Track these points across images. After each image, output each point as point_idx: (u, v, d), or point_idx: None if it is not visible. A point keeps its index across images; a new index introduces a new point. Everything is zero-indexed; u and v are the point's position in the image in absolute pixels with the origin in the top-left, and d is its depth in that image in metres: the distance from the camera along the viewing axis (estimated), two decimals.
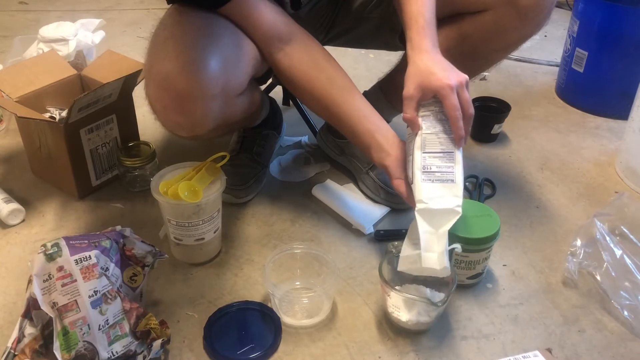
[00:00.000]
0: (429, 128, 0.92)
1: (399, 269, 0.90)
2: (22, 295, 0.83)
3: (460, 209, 0.86)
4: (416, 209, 0.88)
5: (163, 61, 0.89)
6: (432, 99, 0.92)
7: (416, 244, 0.87)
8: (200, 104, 0.91)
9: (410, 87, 0.92)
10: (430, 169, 0.89)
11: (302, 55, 1.01)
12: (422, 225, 0.87)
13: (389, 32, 1.16)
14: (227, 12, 0.94)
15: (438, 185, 0.88)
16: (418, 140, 0.91)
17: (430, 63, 0.90)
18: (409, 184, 0.93)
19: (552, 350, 0.88)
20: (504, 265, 1.07)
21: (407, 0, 0.95)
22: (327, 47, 1.08)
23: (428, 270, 0.86)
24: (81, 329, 0.79)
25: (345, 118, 1.01)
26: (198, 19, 0.92)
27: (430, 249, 0.85)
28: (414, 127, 0.92)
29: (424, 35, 0.93)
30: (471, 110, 0.91)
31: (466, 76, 0.91)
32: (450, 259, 0.93)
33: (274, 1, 1.00)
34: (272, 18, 0.98)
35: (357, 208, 1.19)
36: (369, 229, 1.14)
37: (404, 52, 1.20)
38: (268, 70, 1.07)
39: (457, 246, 0.89)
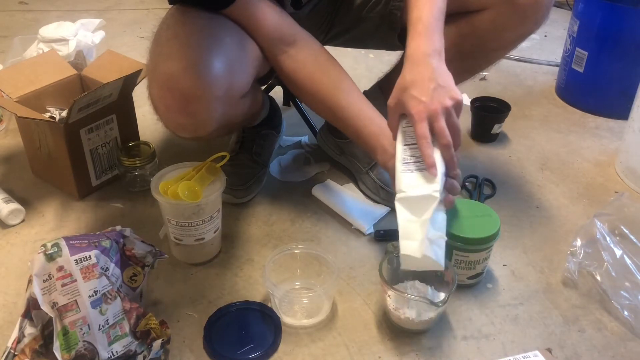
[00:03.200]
0: (409, 122, 0.92)
1: (402, 267, 0.89)
2: (22, 295, 0.83)
3: (437, 194, 0.85)
4: (396, 198, 0.88)
5: (167, 61, 0.88)
6: None
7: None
8: (204, 105, 0.91)
9: (392, 100, 0.91)
10: (410, 159, 0.89)
11: (305, 57, 1.01)
12: (402, 214, 0.86)
13: (388, 31, 1.16)
14: (231, 13, 0.94)
15: (417, 174, 0.88)
16: (399, 134, 0.93)
17: (415, 79, 0.87)
18: None
19: (552, 350, 0.88)
20: (504, 265, 1.07)
21: (411, 6, 0.93)
22: (327, 47, 1.09)
23: (427, 264, 0.85)
24: (81, 329, 0.79)
25: (350, 121, 1.01)
26: (201, 19, 0.91)
27: (408, 237, 0.85)
28: (394, 136, 0.92)
29: (420, 41, 0.89)
30: (444, 140, 0.84)
31: (450, 101, 0.85)
32: (447, 256, 0.92)
33: (275, 1, 1.00)
34: (275, 20, 0.98)
35: (357, 208, 1.19)
36: (369, 229, 1.14)
37: (403, 51, 1.20)
38: (269, 71, 1.07)
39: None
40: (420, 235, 0.84)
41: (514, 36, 1.06)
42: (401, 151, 0.91)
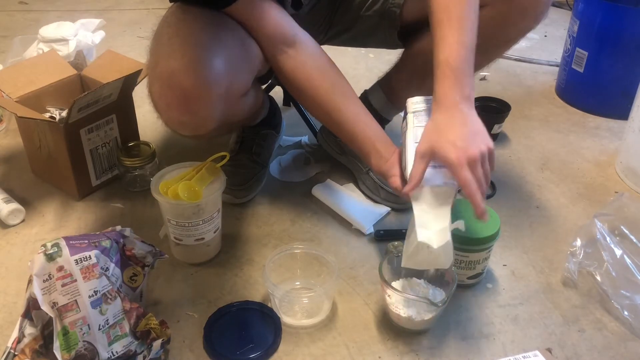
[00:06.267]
0: (420, 122, 0.92)
1: (403, 265, 0.89)
2: (22, 295, 0.83)
3: (455, 185, 0.85)
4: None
5: (168, 59, 0.88)
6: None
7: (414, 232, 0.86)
8: (204, 103, 0.91)
9: (423, 145, 0.86)
10: None
11: (305, 59, 1.01)
12: (417, 205, 0.86)
13: (387, 29, 1.16)
14: (232, 11, 0.94)
15: (430, 169, 0.87)
16: (411, 133, 0.93)
17: (448, 124, 0.84)
18: (404, 178, 0.93)
19: (552, 350, 0.88)
20: (504, 265, 1.07)
21: (437, 42, 0.88)
22: (327, 47, 1.08)
23: (429, 261, 0.85)
24: (81, 329, 0.79)
25: (346, 124, 1.01)
26: (203, 17, 0.91)
27: (424, 226, 0.84)
28: (415, 185, 0.86)
29: (447, 86, 0.86)
30: (483, 186, 0.83)
31: (485, 147, 0.83)
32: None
33: (276, 1, 1.00)
34: (277, 20, 0.98)
35: (357, 208, 1.19)
36: (369, 229, 1.14)
37: (403, 50, 1.20)
38: (269, 70, 1.07)
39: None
40: (436, 226, 0.84)
41: (514, 32, 1.05)
42: (414, 149, 0.90)
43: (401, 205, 1.19)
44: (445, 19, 0.88)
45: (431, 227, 0.84)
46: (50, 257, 0.78)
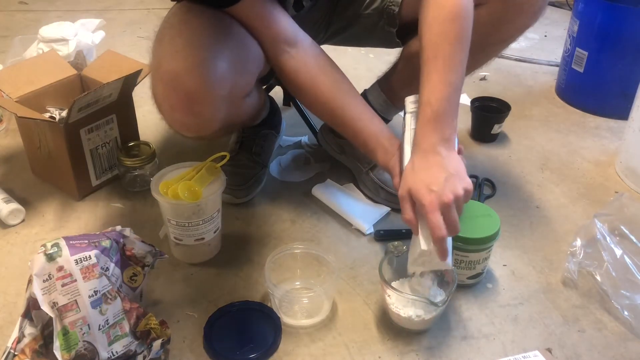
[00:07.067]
0: (416, 123, 0.93)
1: (409, 271, 0.90)
2: (22, 295, 0.83)
3: None
4: None
5: (171, 60, 0.88)
6: None
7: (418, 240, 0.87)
8: (208, 104, 0.91)
9: (402, 188, 0.89)
10: None
11: (307, 59, 1.01)
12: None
13: (387, 27, 1.16)
14: (235, 12, 0.94)
15: None
16: (407, 135, 0.93)
17: (425, 168, 0.87)
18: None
19: (552, 350, 0.88)
20: (504, 265, 1.07)
21: (422, 83, 0.90)
22: (328, 47, 1.08)
23: (432, 263, 0.87)
24: (81, 329, 0.79)
25: (349, 122, 1.02)
26: (205, 18, 0.91)
27: (426, 236, 0.85)
28: (413, 229, 0.88)
29: (427, 130, 0.88)
30: (455, 230, 0.84)
31: (462, 190, 0.84)
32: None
33: (277, 2, 1.00)
34: (279, 20, 0.98)
35: (357, 208, 1.19)
36: (369, 229, 1.14)
37: (402, 49, 1.20)
38: (270, 70, 1.07)
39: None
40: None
41: (512, 29, 1.05)
42: (410, 152, 0.91)
43: None
44: (432, 57, 0.90)
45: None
46: (50, 257, 0.78)
